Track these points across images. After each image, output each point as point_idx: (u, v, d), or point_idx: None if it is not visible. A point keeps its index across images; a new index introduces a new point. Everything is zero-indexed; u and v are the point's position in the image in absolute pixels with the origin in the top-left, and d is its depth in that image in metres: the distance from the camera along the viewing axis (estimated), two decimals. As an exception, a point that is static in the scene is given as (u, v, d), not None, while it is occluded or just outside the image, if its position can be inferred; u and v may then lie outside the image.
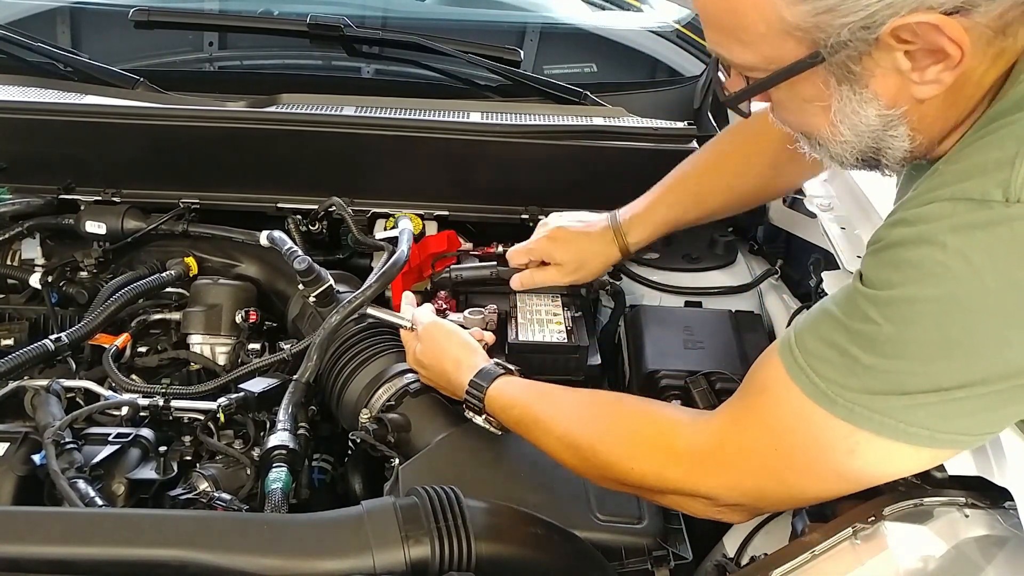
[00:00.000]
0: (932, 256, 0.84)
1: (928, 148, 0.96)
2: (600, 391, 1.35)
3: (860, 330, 0.88)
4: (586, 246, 1.51)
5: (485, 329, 1.43)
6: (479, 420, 1.26)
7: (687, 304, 1.69)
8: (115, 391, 1.39)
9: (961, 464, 1.00)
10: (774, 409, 0.95)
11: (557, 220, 1.54)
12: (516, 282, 1.52)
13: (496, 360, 1.29)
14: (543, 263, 1.53)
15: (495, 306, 1.47)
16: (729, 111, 1.95)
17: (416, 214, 1.75)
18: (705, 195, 1.51)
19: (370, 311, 1.41)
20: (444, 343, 1.32)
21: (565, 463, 1.13)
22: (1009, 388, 0.85)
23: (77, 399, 1.37)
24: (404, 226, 1.62)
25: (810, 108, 0.94)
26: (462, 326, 1.39)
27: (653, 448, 1.06)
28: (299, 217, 1.74)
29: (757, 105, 1.06)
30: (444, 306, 1.50)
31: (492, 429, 1.25)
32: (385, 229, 1.72)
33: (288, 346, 1.44)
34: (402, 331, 1.40)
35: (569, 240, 1.51)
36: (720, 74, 1.00)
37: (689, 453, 1.03)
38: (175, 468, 1.25)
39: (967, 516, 0.99)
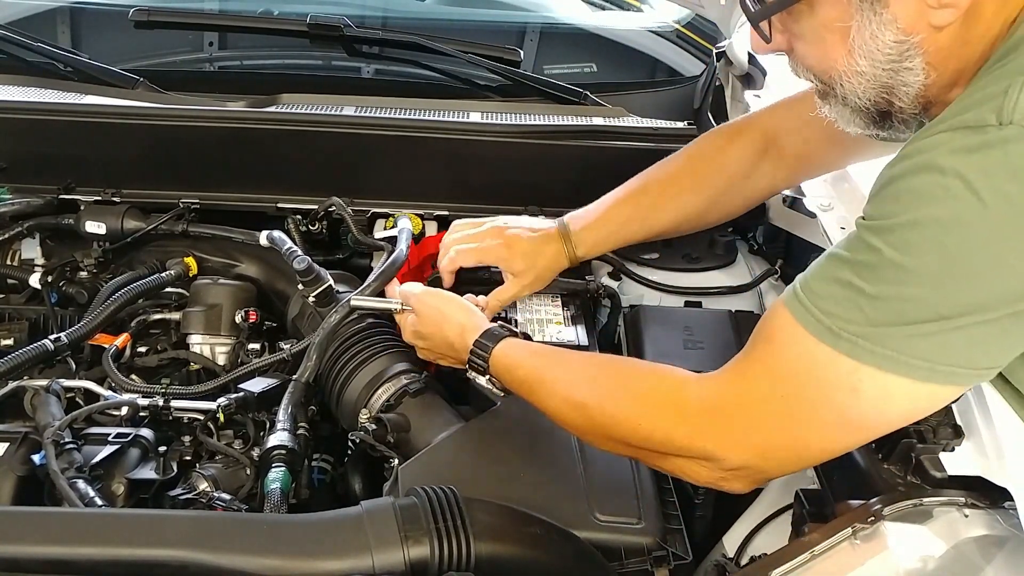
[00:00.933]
0: (931, 180, 0.86)
1: (939, 92, 0.97)
2: (605, 354, 1.34)
3: (863, 261, 0.90)
4: (540, 257, 1.47)
5: None
6: (482, 380, 1.25)
7: (687, 304, 1.68)
8: (115, 391, 1.39)
9: (961, 464, 1.00)
10: (780, 354, 0.96)
11: (510, 227, 1.49)
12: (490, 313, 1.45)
13: (500, 323, 1.29)
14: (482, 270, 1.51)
15: (484, 297, 1.46)
16: (729, 114, 1.95)
17: (416, 214, 1.75)
18: (657, 212, 1.49)
19: (356, 303, 1.40)
20: (444, 308, 1.33)
21: (569, 425, 1.13)
22: (1008, 316, 0.85)
23: (77, 399, 1.37)
24: (403, 226, 1.62)
25: (829, 37, 0.96)
26: None
27: (661, 405, 1.06)
28: (299, 217, 1.74)
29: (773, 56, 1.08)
30: None
31: (495, 390, 1.25)
32: (385, 229, 1.72)
33: (288, 346, 1.44)
34: (396, 315, 1.40)
35: (526, 251, 1.46)
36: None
37: (696, 409, 1.02)
38: (175, 468, 1.25)
39: (967, 516, 0.99)
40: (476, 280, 1.53)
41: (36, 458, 1.19)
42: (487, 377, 1.25)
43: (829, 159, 1.47)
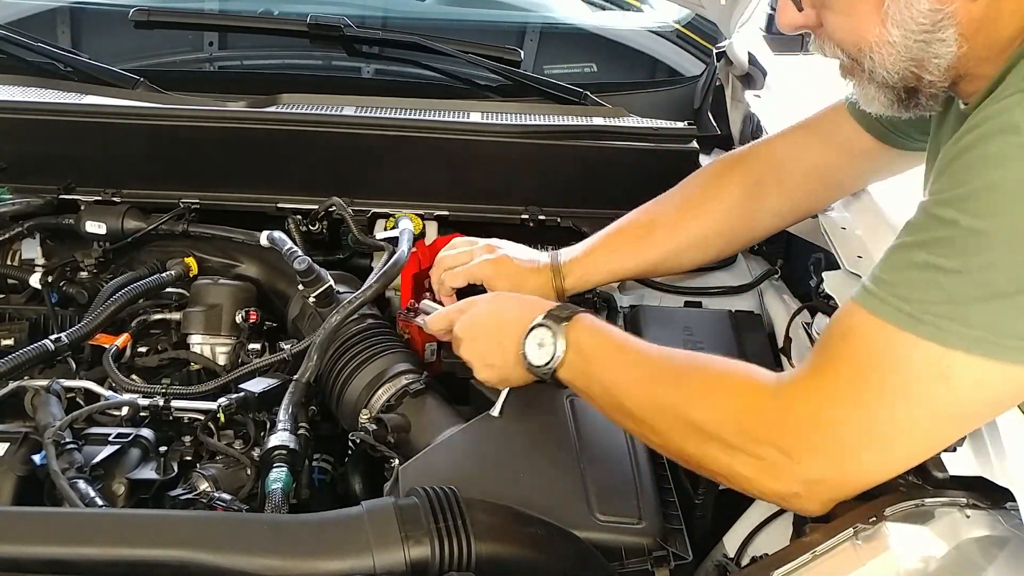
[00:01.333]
0: (1007, 142, 0.82)
1: (970, 65, 0.95)
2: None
3: (937, 237, 0.85)
4: (524, 284, 1.42)
5: None
6: (552, 336, 1.13)
7: (687, 304, 1.68)
8: (115, 391, 1.39)
9: (962, 464, 1.00)
10: (858, 349, 0.90)
11: (505, 249, 1.46)
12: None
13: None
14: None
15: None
16: (729, 114, 1.95)
17: (416, 214, 1.75)
18: (649, 242, 1.46)
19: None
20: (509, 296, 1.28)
21: (633, 404, 1.07)
22: None
23: (77, 399, 1.37)
24: (404, 226, 1.62)
25: (861, 7, 0.95)
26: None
27: (736, 392, 1.00)
28: (299, 217, 1.73)
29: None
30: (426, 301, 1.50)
31: (555, 354, 1.14)
32: (385, 229, 1.72)
33: (288, 346, 1.44)
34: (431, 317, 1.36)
35: (512, 274, 1.43)
36: None
37: (773, 403, 0.96)
38: (175, 468, 1.25)
39: (968, 517, 0.99)
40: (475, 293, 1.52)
41: (36, 458, 1.19)
42: (557, 337, 1.13)
43: (837, 189, 1.45)
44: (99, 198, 1.76)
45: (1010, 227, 0.82)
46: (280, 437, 1.20)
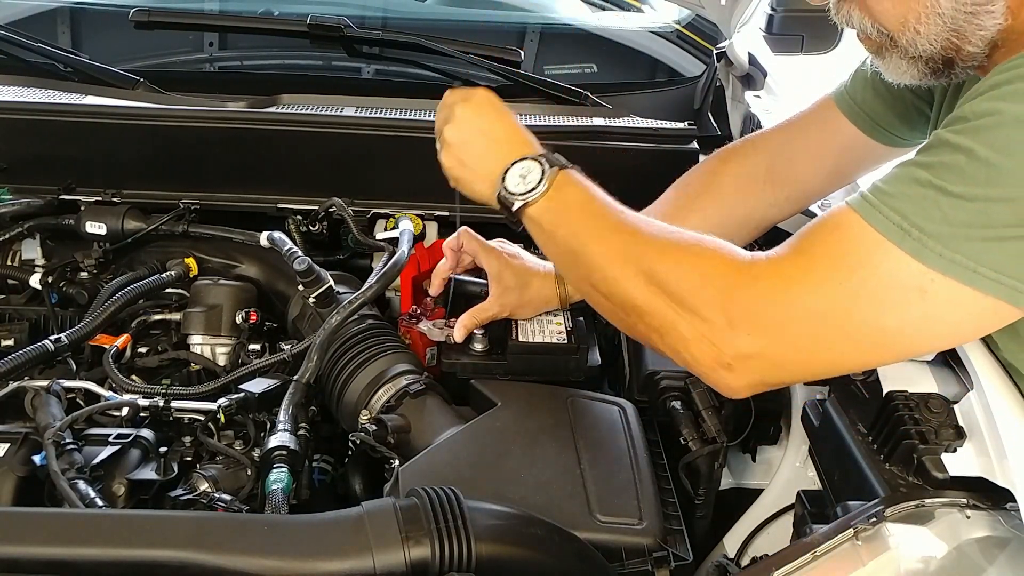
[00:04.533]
0: None
1: (1009, 36, 0.95)
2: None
3: (947, 162, 0.85)
4: (530, 285, 1.43)
5: (447, 339, 1.43)
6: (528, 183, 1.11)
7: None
8: (115, 392, 1.39)
9: (963, 465, 1.00)
10: (841, 244, 0.90)
11: (516, 248, 1.47)
12: (459, 333, 1.41)
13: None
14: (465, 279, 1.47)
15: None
16: (729, 114, 1.95)
17: (416, 214, 1.75)
18: None
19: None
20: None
21: (595, 249, 1.06)
22: None
23: (77, 400, 1.37)
24: (404, 227, 1.62)
25: None
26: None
27: (710, 256, 0.99)
28: (299, 217, 1.73)
29: None
30: (426, 311, 1.50)
31: (531, 197, 1.11)
32: (386, 230, 1.72)
33: (288, 347, 1.44)
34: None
35: (519, 272, 1.43)
36: None
37: (741, 272, 0.95)
38: (175, 469, 1.25)
39: (968, 517, 0.99)
40: (468, 295, 1.51)
41: (37, 459, 1.19)
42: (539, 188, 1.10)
43: (828, 181, 1.45)
44: (99, 198, 1.76)
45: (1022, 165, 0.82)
46: (280, 438, 1.20)
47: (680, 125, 1.87)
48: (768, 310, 0.93)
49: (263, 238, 1.58)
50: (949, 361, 1.13)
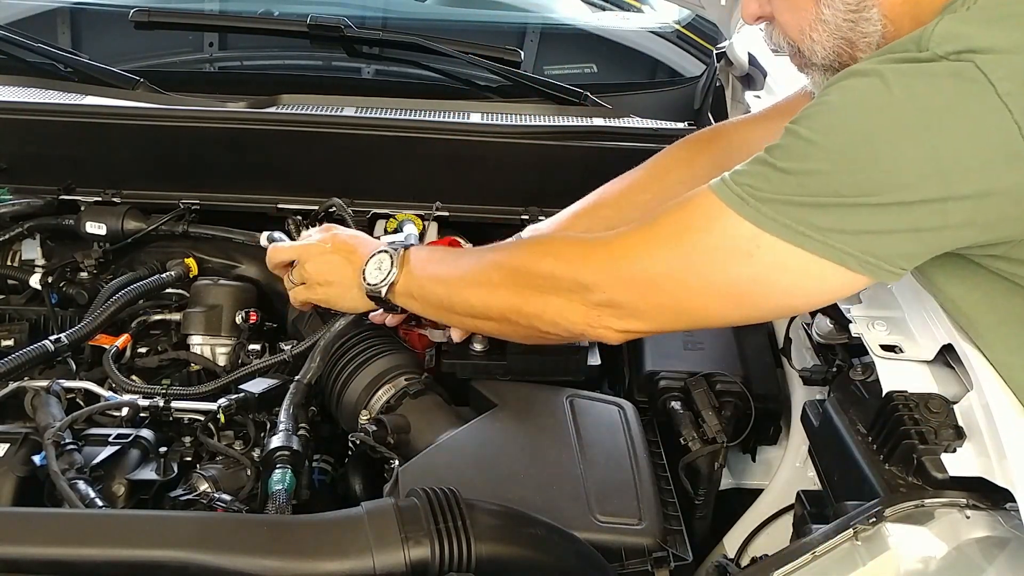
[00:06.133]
0: (854, 81, 0.95)
1: None
2: None
3: (781, 144, 0.97)
4: None
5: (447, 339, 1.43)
6: (385, 263, 1.27)
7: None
8: (115, 392, 1.39)
9: (962, 465, 1.00)
10: (688, 212, 1.03)
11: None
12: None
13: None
14: None
15: None
16: (729, 115, 1.95)
17: (416, 214, 1.75)
18: (615, 224, 1.44)
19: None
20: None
21: (469, 284, 1.20)
22: (898, 206, 0.91)
23: (77, 400, 1.37)
24: (409, 231, 1.62)
25: None
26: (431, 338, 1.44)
27: (558, 241, 1.18)
28: (299, 218, 1.73)
29: None
30: None
31: (391, 273, 1.26)
32: (386, 231, 1.72)
33: (288, 347, 1.44)
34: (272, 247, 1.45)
35: None
36: None
37: (592, 244, 1.11)
38: (175, 469, 1.25)
39: (968, 517, 0.99)
40: None
41: (37, 459, 1.19)
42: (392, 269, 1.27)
43: None
44: (99, 199, 1.76)
45: (832, 142, 0.93)
46: (282, 438, 1.20)
47: (680, 125, 1.87)
48: (617, 267, 1.07)
49: (263, 238, 1.58)
50: (949, 361, 1.13)
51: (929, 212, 0.92)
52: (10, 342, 1.61)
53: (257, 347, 1.53)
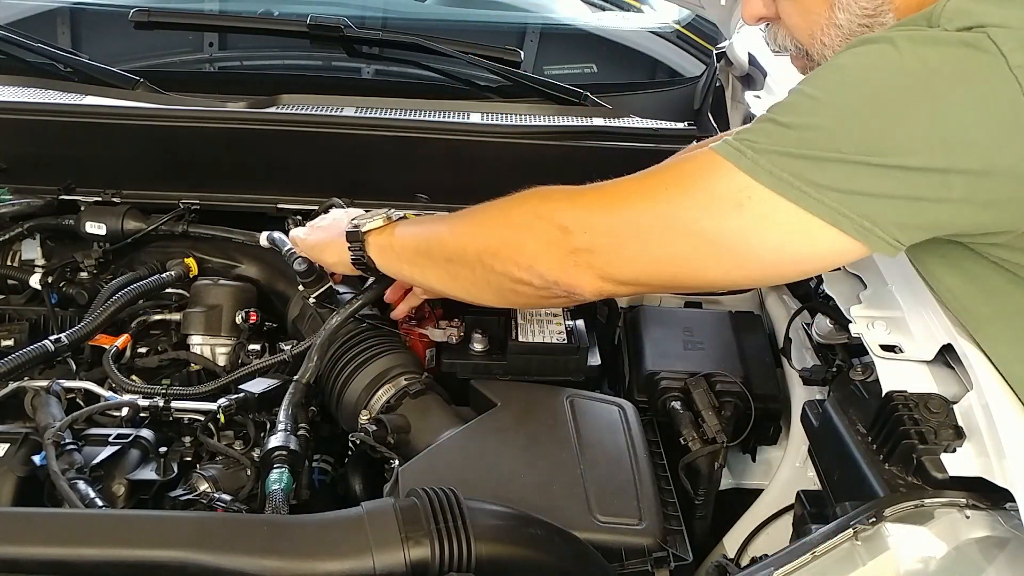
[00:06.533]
0: (864, 47, 0.94)
1: None
2: None
3: (785, 101, 0.96)
4: None
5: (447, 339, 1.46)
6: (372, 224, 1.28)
7: (687, 305, 1.68)
8: (115, 392, 1.39)
9: (962, 465, 1.00)
10: (686, 165, 1.02)
11: None
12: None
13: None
14: None
15: (458, 320, 1.49)
16: (729, 115, 1.95)
17: (415, 214, 1.74)
18: None
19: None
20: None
21: (448, 233, 1.21)
22: (899, 169, 0.90)
23: (77, 400, 1.37)
24: None
25: None
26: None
27: (542, 190, 1.12)
28: (299, 218, 1.73)
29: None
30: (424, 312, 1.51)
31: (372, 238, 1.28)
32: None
33: (288, 347, 1.44)
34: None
35: None
36: None
37: (584, 187, 1.08)
38: (175, 469, 1.25)
39: (968, 517, 0.99)
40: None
41: (36, 459, 1.19)
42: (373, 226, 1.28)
43: None
44: (99, 199, 1.76)
45: (837, 99, 0.93)
46: (280, 438, 1.20)
47: (680, 125, 1.87)
48: (601, 211, 1.05)
49: (262, 238, 1.58)
50: (949, 361, 1.13)
51: (930, 181, 0.90)
52: (10, 342, 1.61)
53: (257, 347, 1.53)
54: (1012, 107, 0.88)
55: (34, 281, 1.68)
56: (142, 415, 1.33)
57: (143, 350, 1.57)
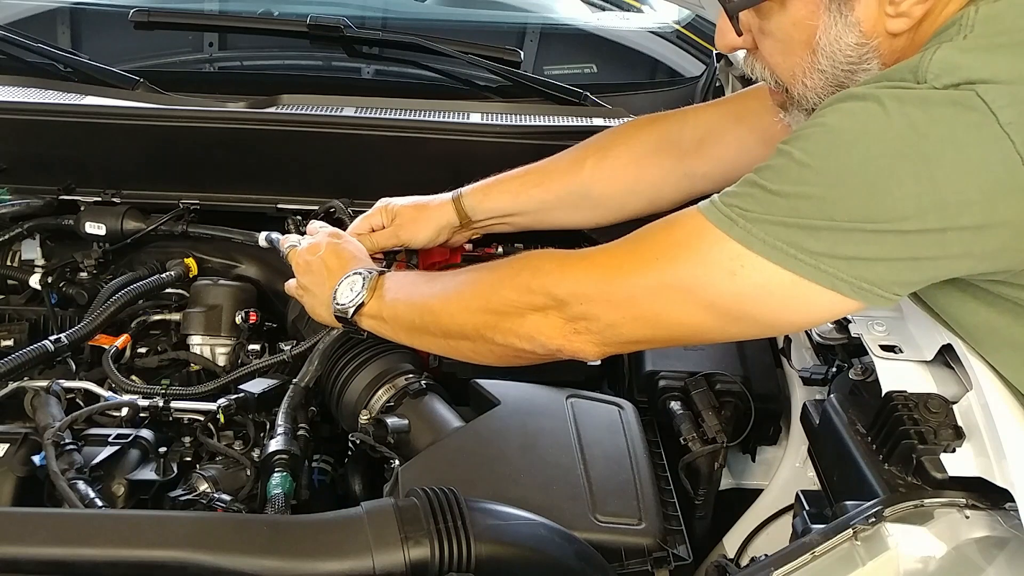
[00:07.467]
0: (850, 104, 0.92)
1: None
2: None
3: (772, 164, 0.94)
4: (428, 206, 1.51)
5: None
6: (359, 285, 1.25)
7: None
8: (115, 392, 1.39)
9: (962, 465, 1.00)
10: (674, 230, 1.01)
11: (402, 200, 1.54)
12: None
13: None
14: None
15: None
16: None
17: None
18: (549, 182, 1.49)
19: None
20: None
21: (440, 306, 1.18)
22: (895, 234, 0.89)
23: (77, 400, 1.37)
24: None
25: (796, 35, 1.01)
26: None
27: (535, 257, 1.13)
28: (299, 218, 1.73)
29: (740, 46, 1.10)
30: None
31: (362, 291, 1.25)
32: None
33: (288, 347, 1.44)
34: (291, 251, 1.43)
35: (414, 204, 1.51)
36: None
37: (576, 255, 1.08)
38: (175, 469, 1.25)
39: (968, 517, 0.99)
40: None
41: (36, 459, 1.19)
42: (365, 285, 1.25)
43: (742, 170, 1.45)
44: (99, 199, 1.76)
45: (827, 166, 0.90)
46: (280, 441, 1.21)
47: (680, 125, 1.86)
48: (595, 280, 1.04)
49: (261, 238, 1.58)
50: (948, 361, 1.13)
51: (927, 242, 0.89)
52: (10, 342, 1.61)
53: (257, 347, 1.53)
54: (1005, 165, 0.86)
55: (34, 281, 1.68)
56: (142, 415, 1.33)
57: (143, 350, 1.57)
